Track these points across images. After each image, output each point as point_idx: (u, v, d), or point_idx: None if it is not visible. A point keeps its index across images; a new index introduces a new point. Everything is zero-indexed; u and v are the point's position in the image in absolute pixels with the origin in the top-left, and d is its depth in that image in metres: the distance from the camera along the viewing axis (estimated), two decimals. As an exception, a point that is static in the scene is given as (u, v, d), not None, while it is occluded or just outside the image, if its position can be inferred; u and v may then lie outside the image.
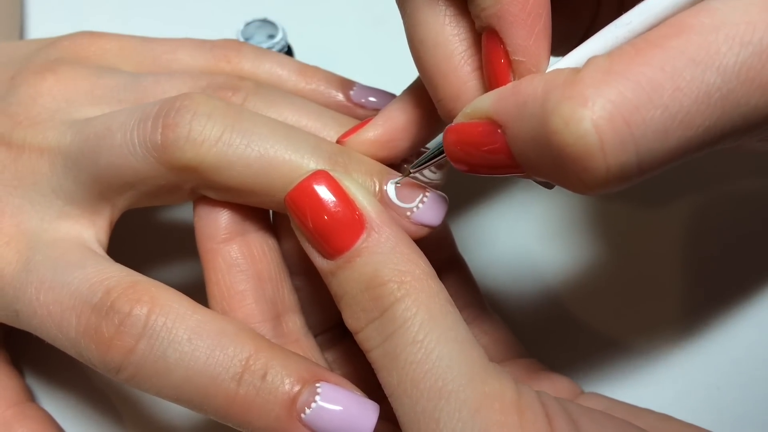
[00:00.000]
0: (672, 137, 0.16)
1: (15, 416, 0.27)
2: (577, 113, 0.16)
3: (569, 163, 0.17)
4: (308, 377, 0.22)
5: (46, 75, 0.27)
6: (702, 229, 0.35)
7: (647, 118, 0.16)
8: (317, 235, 0.21)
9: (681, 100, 0.16)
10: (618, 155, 0.16)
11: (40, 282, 0.23)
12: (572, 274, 0.33)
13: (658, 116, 0.16)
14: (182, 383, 0.21)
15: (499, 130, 0.19)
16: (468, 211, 0.35)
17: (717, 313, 0.32)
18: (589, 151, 0.16)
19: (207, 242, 0.24)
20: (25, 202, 0.25)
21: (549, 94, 0.17)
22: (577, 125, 0.16)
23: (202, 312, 0.22)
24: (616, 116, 0.16)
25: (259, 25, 0.37)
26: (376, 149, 0.25)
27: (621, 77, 0.16)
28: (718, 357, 0.31)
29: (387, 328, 0.20)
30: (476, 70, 0.22)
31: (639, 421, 0.22)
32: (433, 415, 0.19)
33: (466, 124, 0.20)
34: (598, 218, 0.35)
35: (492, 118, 0.19)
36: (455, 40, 0.22)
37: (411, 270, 0.20)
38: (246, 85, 0.27)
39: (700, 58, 0.16)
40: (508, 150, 0.19)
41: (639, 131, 0.16)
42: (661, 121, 0.16)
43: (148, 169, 0.23)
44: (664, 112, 0.16)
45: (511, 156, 0.19)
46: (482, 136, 0.19)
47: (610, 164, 0.16)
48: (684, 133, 0.16)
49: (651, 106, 0.16)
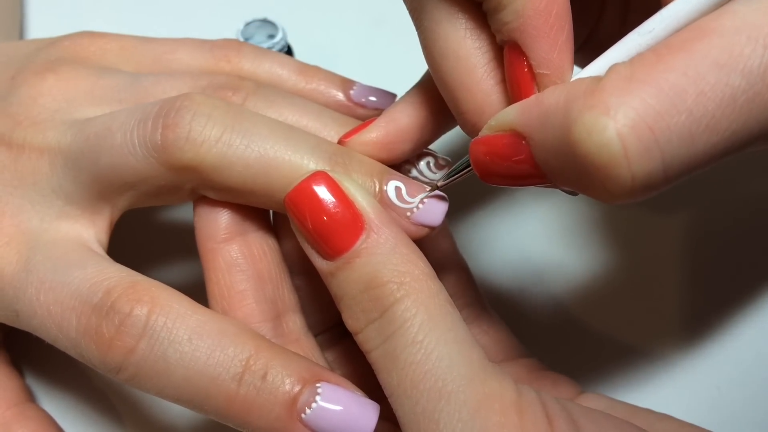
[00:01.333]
0: (698, 142, 0.16)
1: (15, 417, 0.27)
2: (599, 122, 0.16)
3: (593, 172, 0.17)
4: (309, 377, 0.21)
5: (47, 75, 0.27)
6: (702, 229, 0.35)
7: (671, 124, 0.16)
8: (316, 236, 0.21)
9: (706, 104, 0.16)
10: (643, 163, 0.16)
11: (41, 282, 0.23)
12: (572, 274, 0.33)
13: (682, 122, 0.16)
14: (182, 383, 0.21)
15: (523, 142, 0.19)
16: (468, 211, 0.35)
17: (717, 313, 0.32)
18: (613, 160, 0.16)
19: (207, 242, 0.24)
20: (26, 202, 0.25)
21: (571, 104, 0.17)
22: (600, 134, 0.16)
23: (202, 312, 0.22)
24: (639, 124, 0.16)
25: (259, 25, 0.37)
26: (377, 150, 0.24)
27: (643, 84, 0.16)
28: (718, 357, 0.31)
29: (387, 329, 0.20)
30: (499, 83, 0.21)
31: (639, 421, 0.22)
32: (433, 415, 0.19)
33: (492, 136, 0.20)
34: (598, 218, 0.35)
35: (516, 130, 0.19)
36: (477, 54, 0.21)
37: (410, 270, 0.20)
38: (246, 85, 0.27)
39: (723, 61, 0.16)
40: (533, 161, 0.19)
41: (664, 138, 0.16)
42: (686, 127, 0.16)
43: (148, 169, 0.23)
44: (689, 117, 0.16)
45: (537, 166, 0.19)
46: (508, 148, 0.19)
47: (636, 172, 0.16)
48: (710, 137, 0.16)
49: (675, 112, 0.16)
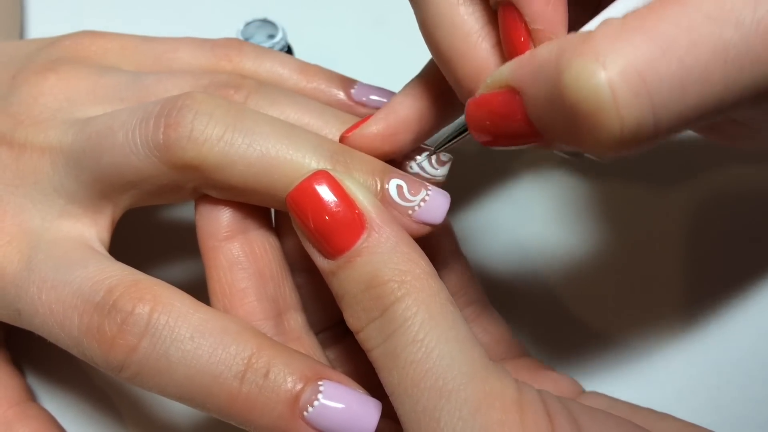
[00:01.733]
0: (689, 93, 0.16)
1: (16, 416, 0.27)
2: (589, 68, 0.16)
3: (583, 120, 0.16)
4: (311, 375, 0.22)
5: (48, 74, 0.27)
6: (703, 229, 0.35)
7: (662, 71, 0.16)
8: (318, 234, 0.21)
9: (697, 54, 0.16)
10: (633, 110, 0.16)
11: (42, 281, 0.23)
12: (574, 273, 0.34)
13: (674, 70, 0.16)
14: (185, 381, 0.21)
15: (517, 97, 0.19)
16: (470, 209, 0.35)
17: (717, 313, 0.32)
18: (602, 105, 0.16)
19: (209, 240, 0.24)
20: (27, 201, 0.25)
21: (563, 54, 0.17)
22: (588, 80, 0.16)
23: (204, 310, 0.22)
24: (629, 70, 0.16)
25: (259, 25, 0.37)
26: (379, 143, 0.25)
27: (634, 32, 0.16)
28: (718, 357, 0.31)
29: (387, 328, 0.20)
30: (494, 46, 0.22)
31: (639, 420, 0.22)
32: (434, 414, 0.19)
33: (487, 94, 0.20)
34: (601, 217, 0.35)
35: (510, 85, 0.19)
36: (471, 20, 0.21)
37: (411, 269, 0.20)
38: (248, 84, 0.27)
39: (716, 14, 0.16)
40: (526, 117, 0.18)
41: (654, 85, 0.16)
42: (677, 76, 0.16)
43: (150, 168, 0.23)
44: (681, 67, 0.16)
45: (530, 123, 0.18)
46: (502, 105, 0.19)
47: (625, 120, 0.16)
48: (702, 88, 0.16)
49: (666, 60, 0.16)
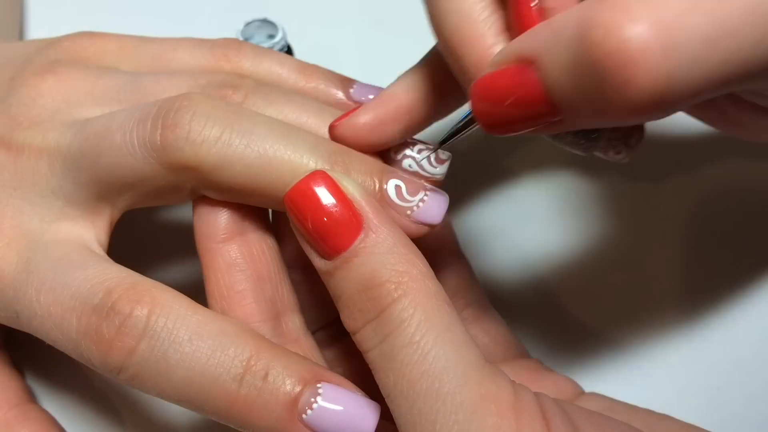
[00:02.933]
0: (719, 50, 0.16)
1: (16, 417, 0.27)
2: (617, 20, 0.16)
3: (612, 76, 0.16)
4: (309, 377, 0.21)
5: (46, 76, 0.27)
6: (703, 229, 0.35)
7: (693, 24, 0.15)
8: (315, 235, 0.21)
9: (727, 9, 0.16)
10: (664, 63, 0.15)
11: (41, 283, 0.23)
12: (574, 273, 0.33)
13: (704, 24, 0.16)
14: (183, 384, 0.21)
15: (531, 69, 0.18)
16: (470, 209, 0.35)
17: (717, 313, 0.32)
18: (633, 58, 0.16)
19: (206, 242, 0.24)
20: (25, 203, 0.25)
21: (586, 13, 0.16)
22: (618, 32, 0.16)
23: (202, 312, 0.22)
24: (659, 22, 0.15)
25: (259, 25, 0.37)
26: (367, 132, 0.25)
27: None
28: (718, 357, 0.31)
29: (384, 329, 0.20)
30: (502, 33, 0.21)
31: (639, 421, 0.22)
32: (430, 416, 0.19)
33: (494, 72, 0.19)
34: (601, 217, 0.35)
35: (523, 55, 0.18)
36: (478, 8, 0.21)
37: (408, 270, 0.20)
38: (246, 84, 0.27)
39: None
40: (541, 89, 0.18)
41: (684, 38, 0.15)
42: (707, 30, 0.16)
43: (148, 169, 0.23)
44: (711, 21, 0.16)
45: (545, 95, 0.18)
46: (512, 79, 0.18)
47: (656, 74, 0.16)
48: (732, 44, 0.16)
49: (696, 13, 0.16)
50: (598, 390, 0.26)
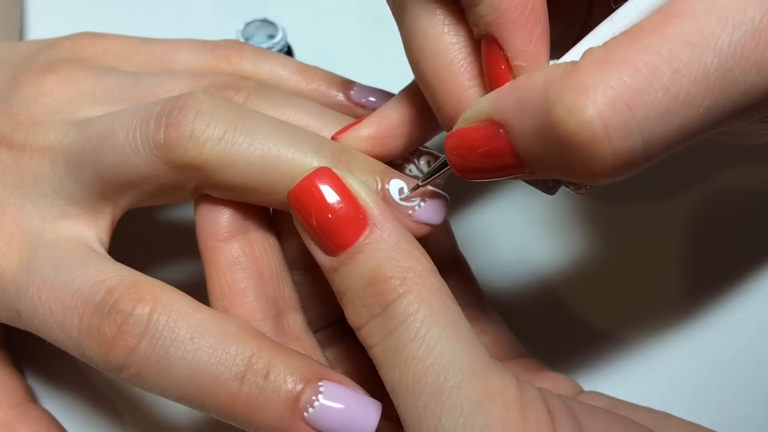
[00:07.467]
0: (675, 118, 0.17)
1: (17, 417, 0.27)
2: (579, 102, 0.16)
3: (576, 151, 0.17)
4: (311, 376, 0.22)
5: (48, 75, 0.27)
6: (703, 227, 0.35)
7: (649, 101, 0.16)
8: (320, 231, 0.21)
9: (680, 81, 0.16)
10: (624, 139, 0.16)
11: (42, 281, 0.23)
12: (573, 274, 0.34)
13: (659, 99, 0.16)
14: (185, 382, 0.21)
15: (501, 130, 0.19)
16: (469, 210, 0.35)
17: (717, 313, 0.33)
18: (595, 137, 0.16)
19: (208, 240, 0.24)
20: (27, 202, 0.25)
21: (550, 86, 0.17)
22: (580, 113, 0.16)
23: (204, 311, 0.22)
24: (617, 101, 0.16)
25: (259, 25, 0.37)
26: (370, 146, 0.25)
27: (619, 64, 0.17)
28: (718, 356, 0.31)
29: (389, 325, 0.20)
30: (476, 77, 0.22)
31: (639, 419, 0.22)
32: (435, 410, 0.19)
33: (467, 128, 0.20)
34: (599, 217, 0.35)
35: (493, 119, 0.19)
36: (454, 48, 0.22)
37: (413, 266, 0.21)
38: (248, 85, 0.27)
39: (695, 40, 0.16)
40: (511, 149, 0.19)
41: (642, 114, 0.16)
42: (663, 103, 0.16)
43: (151, 168, 0.23)
44: (666, 95, 0.16)
45: (515, 155, 0.19)
46: (484, 139, 0.19)
47: (617, 149, 0.16)
48: (686, 113, 0.17)
49: (651, 90, 0.16)
50: (599, 389, 0.26)
